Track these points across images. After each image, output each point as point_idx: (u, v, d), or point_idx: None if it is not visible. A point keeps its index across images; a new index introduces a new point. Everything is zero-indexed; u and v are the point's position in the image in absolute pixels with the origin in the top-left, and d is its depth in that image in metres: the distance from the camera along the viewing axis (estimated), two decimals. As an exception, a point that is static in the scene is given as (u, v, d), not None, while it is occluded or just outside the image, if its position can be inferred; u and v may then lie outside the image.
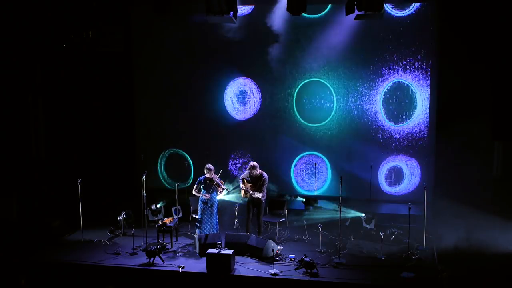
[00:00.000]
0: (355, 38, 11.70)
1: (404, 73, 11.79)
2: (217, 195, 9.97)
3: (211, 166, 9.88)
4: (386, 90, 11.94)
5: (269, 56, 11.91)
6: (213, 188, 9.79)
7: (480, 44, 10.76)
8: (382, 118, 12.01)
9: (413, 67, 11.73)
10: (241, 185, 9.96)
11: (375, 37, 11.74)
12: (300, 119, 12.42)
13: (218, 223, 10.00)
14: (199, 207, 9.91)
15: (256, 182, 9.84)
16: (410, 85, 11.80)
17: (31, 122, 11.95)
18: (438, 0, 11.21)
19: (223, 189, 9.98)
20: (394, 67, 11.82)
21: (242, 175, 10.08)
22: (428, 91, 11.75)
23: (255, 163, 9.89)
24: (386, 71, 11.86)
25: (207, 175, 9.85)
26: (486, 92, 10.85)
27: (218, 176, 9.88)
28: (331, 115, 12.24)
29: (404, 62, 11.75)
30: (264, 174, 9.94)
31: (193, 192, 9.95)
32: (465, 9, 10.77)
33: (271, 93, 12.50)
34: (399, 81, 11.85)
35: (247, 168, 9.95)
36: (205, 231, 9.79)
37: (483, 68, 10.77)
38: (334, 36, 11.72)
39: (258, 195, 9.77)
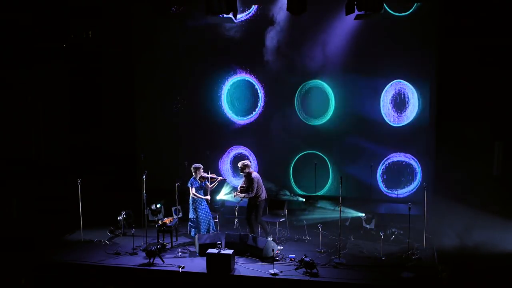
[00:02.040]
0: (354, 38, 11.69)
1: (404, 73, 11.77)
2: (210, 189, 9.94)
3: (198, 165, 9.86)
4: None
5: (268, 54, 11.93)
6: (207, 184, 9.77)
7: (480, 43, 10.77)
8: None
9: (413, 66, 11.71)
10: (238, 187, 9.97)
11: (374, 36, 11.72)
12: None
13: (216, 223, 9.97)
14: (190, 207, 9.86)
15: (246, 182, 9.82)
16: (410, 85, 11.78)
17: (31, 122, 11.95)
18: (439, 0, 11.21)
19: (219, 180, 9.93)
20: (394, 66, 11.81)
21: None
22: (428, 91, 11.73)
23: (243, 162, 9.83)
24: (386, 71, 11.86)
25: (196, 175, 9.80)
26: (486, 92, 10.86)
27: (209, 173, 9.86)
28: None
29: (403, 62, 11.73)
30: (254, 174, 9.81)
31: (192, 194, 9.84)
32: (466, 8, 10.78)
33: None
34: (400, 81, 11.85)
35: None
36: (203, 230, 9.78)
37: (483, 68, 10.78)
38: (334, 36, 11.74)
39: (242, 195, 9.71)
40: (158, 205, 11.36)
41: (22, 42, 11.44)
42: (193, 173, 9.80)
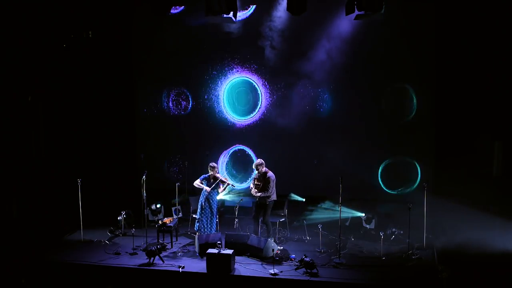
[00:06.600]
0: (353, 38, 11.69)
1: (404, 73, 11.76)
2: (219, 193, 9.97)
3: (214, 164, 9.92)
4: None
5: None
6: (216, 184, 9.79)
7: (480, 44, 10.78)
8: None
9: (413, 67, 11.71)
10: (251, 185, 9.98)
11: (373, 37, 11.71)
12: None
13: (217, 223, 10.01)
14: (198, 207, 9.90)
15: (261, 181, 9.83)
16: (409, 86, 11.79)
17: (31, 122, 11.94)
18: (437, 1, 11.21)
19: (228, 184, 9.98)
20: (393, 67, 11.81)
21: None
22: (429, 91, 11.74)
23: (259, 160, 9.88)
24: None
25: (210, 173, 9.85)
26: (486, 92, 10.86)
27: (222, 175, 9.90)
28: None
29: (403, 62, 11.72)
30: (270, 173, 9.83)
31: (195, 183, 9.88)
32: (464, 8, 10.79)
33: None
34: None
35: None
36: (204, 230, 9.80)
37: (483, 68, 10.79)
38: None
39: (258, 194, 9.74)
40: (158, 205, 11.36)
41: (22, 41, 11.42)
42: (209, 171, 9.88)
